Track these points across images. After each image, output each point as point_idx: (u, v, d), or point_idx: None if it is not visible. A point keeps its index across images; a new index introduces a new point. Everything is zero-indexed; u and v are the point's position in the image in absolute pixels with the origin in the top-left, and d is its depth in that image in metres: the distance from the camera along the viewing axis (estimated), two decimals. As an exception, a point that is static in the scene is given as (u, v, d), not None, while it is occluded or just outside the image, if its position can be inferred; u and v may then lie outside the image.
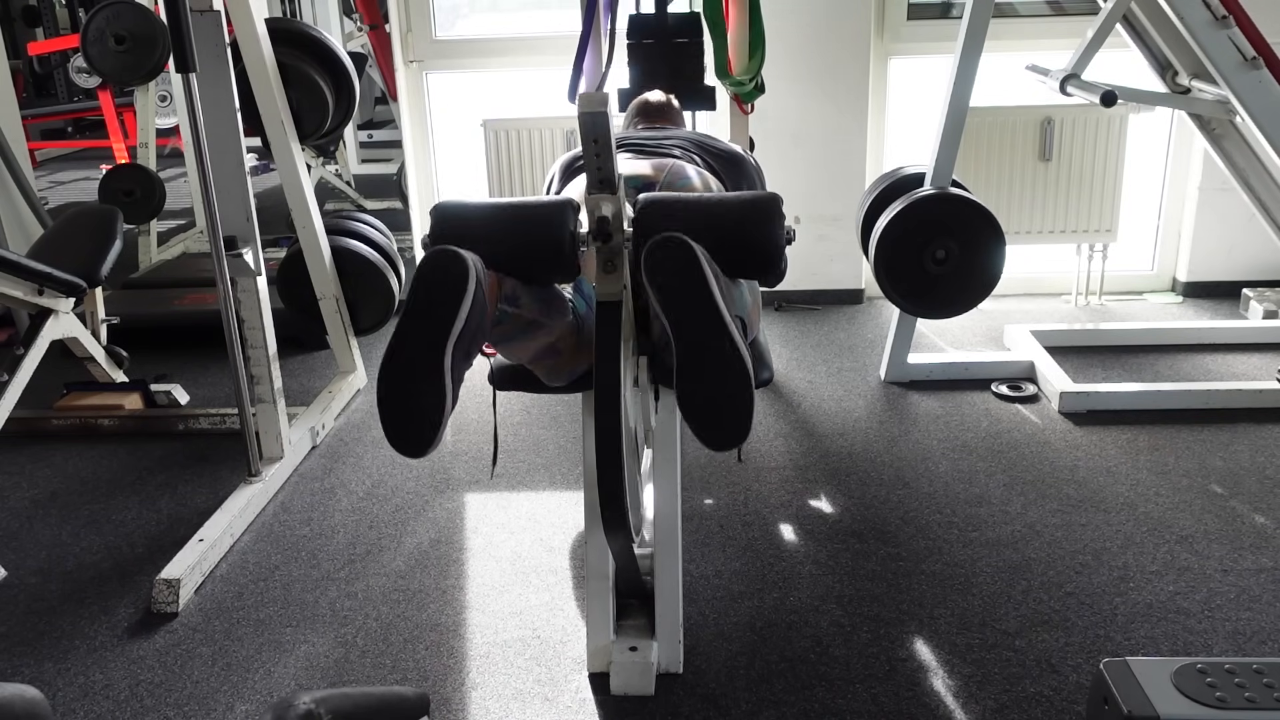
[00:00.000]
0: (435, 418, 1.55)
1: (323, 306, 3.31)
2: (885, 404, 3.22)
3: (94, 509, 2.75)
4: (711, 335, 1.55)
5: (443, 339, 1.54)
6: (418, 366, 1.54)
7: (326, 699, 0.85)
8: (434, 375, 1.54)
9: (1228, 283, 4.00)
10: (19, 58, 7.31)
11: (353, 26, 6.21)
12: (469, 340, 1.58)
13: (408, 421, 1.57)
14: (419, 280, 1.56)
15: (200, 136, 2.45)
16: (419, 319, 1.55)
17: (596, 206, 1.63)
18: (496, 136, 3.87)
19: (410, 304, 1.57)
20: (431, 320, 1.54)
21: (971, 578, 2.29)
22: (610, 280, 1.67)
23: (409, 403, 1.56)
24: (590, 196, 1.64)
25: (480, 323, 1.60)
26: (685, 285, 1.55)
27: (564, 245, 1.71)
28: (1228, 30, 2.70)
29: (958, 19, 3.23)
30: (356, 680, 2.04)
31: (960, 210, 3.03)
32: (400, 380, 1.56)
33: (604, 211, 1.63)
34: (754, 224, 1.73)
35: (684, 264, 1.55)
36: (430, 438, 1.57)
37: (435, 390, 1.54)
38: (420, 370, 1.54)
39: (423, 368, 1.54)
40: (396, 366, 1.56)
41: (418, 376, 1.54)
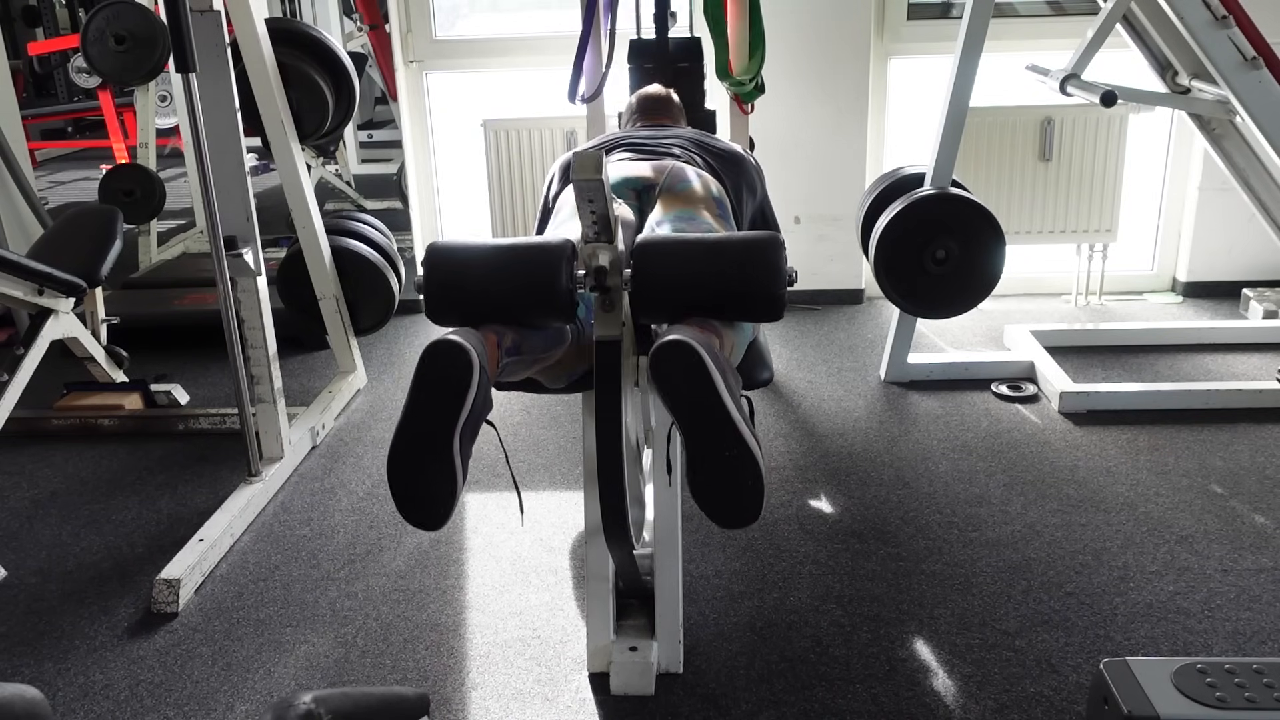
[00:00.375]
0: (448, 498, 1.59)
1: (323, 306, 3.31)
2: (885, 404, 3.22)
3: (94, 509, 2.75)
4: (722, 438, 1.55)
5: (449, 429, 1.56)
6: (426, 454, 1.57)
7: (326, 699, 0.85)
8: (443, 460, 1.57)
9: (1228, 283, 4.00)
10: (19, 58, 7.30)
11: (353, 26, 6.21)
12: (475, 421, 1.60)
13: (421, 504, 1.61)
14: (422, 374, 1.56)
15: (200, 136, 2.45)
16: (424, 412, 1.57)
17: (594, 256, 1.63)
18: (496, 136, 3.87)
19: (414, 393, 1.57)
20: (436, 413, 1.56)
21: (971, 578, 2.29)
22: (609, 319, 1.66)
23: (420, 488, 1.59)
24: (587, 246, 1.64)
25: (485, 402, 1.61)
26: (694, 391, 1.54)
27: (561, 292, 1.68)
28: (1228, 30, 2.70)
29: (958, 19, 3.23)
30: (356, 680, 2.04)
31: (960, 210, 3.03)
32: (410, 468, 1.59)
33: (601, 261, 1.63)
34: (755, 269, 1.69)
35: (691, 370, 1.54)
36: (444, 515, 1.61)
37: (446, 473, 1.58)
38: (429, 458, 1.57)
39: (431, 455, 1.57)
40: (405, 456, 1.58)
41: (427, 463, 1.57)
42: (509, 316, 1.72)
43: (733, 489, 1.58)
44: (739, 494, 1.58)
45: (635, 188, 2.13)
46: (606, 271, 1.62)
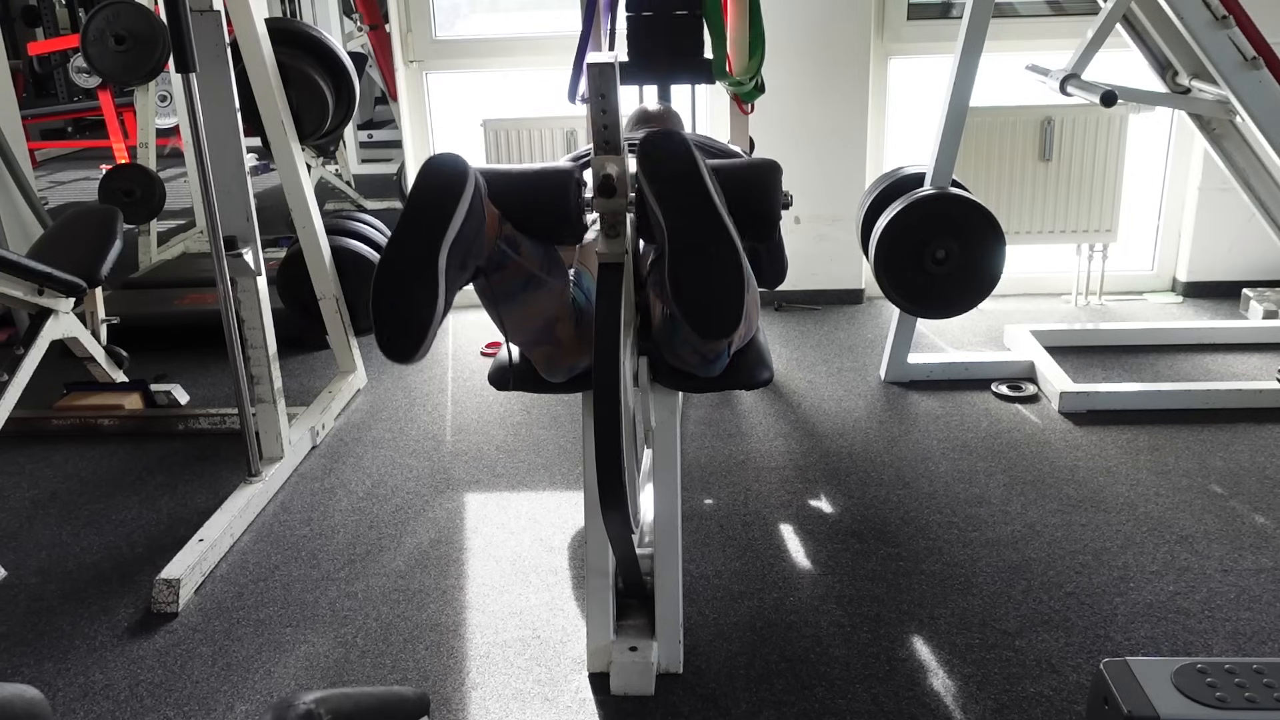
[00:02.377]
0: (426, 316, 1.55)
1: (323, 306, 3.31)
2: (885, 404, 3.22)
3: (94, 509, 2.75)
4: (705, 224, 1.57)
5: (438, 237, 1.55)
6: (412, 264, 1.55)
7: (326, 699, 0.85)
8: (428, 273, 1.54)
9: (1228, 283, 4.00)
10: (19, 58, 7.31)
11: (353, 26, 6.22)
12: (464, 247, 1.58)
13: (398, 319, 1.56)
14: (417, 182, 1.58)
15: (200, 136, 2.45)
16: (415, 218, 1.57)
17: (601, 166, 1.65)
18: (496, 136, 3.87)
19: (408, 204, 1.58)
20: (427, 219, 1.56)
21: (971, 578, 2.29)
22: (613, 243, 1.68)
23: (401, 299, 1.55)
24: (596, 157, 1.66)
25: (478, 233, 1.61)
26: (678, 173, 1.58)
27: (569, 201, 1.72)
28: (1228, 30, 2.70)
29: (958, 19, 3.23)
30: (356, 680, 2.04)
31: (960, 210, 3.03)
32: (394, 276, 1.56)
33: (609, 170, 1.65)
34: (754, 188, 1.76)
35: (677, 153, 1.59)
36: (419, 338, 1.56)
37: (428, 289, 1.54)
38: (415, 267, 1.55)
39: (417, 265, 1.54)
40: (391, 263, 1.56)
41: (412, 274, 1.55)
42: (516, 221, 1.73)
43: (716, 283, 1.57)
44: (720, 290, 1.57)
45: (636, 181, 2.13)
46: (613, 179, 1.64)
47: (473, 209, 1.58)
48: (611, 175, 1.64)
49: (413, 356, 1.57)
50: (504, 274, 1.73)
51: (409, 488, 2.79)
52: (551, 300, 1.81)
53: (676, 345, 1.84)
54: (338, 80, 3.39)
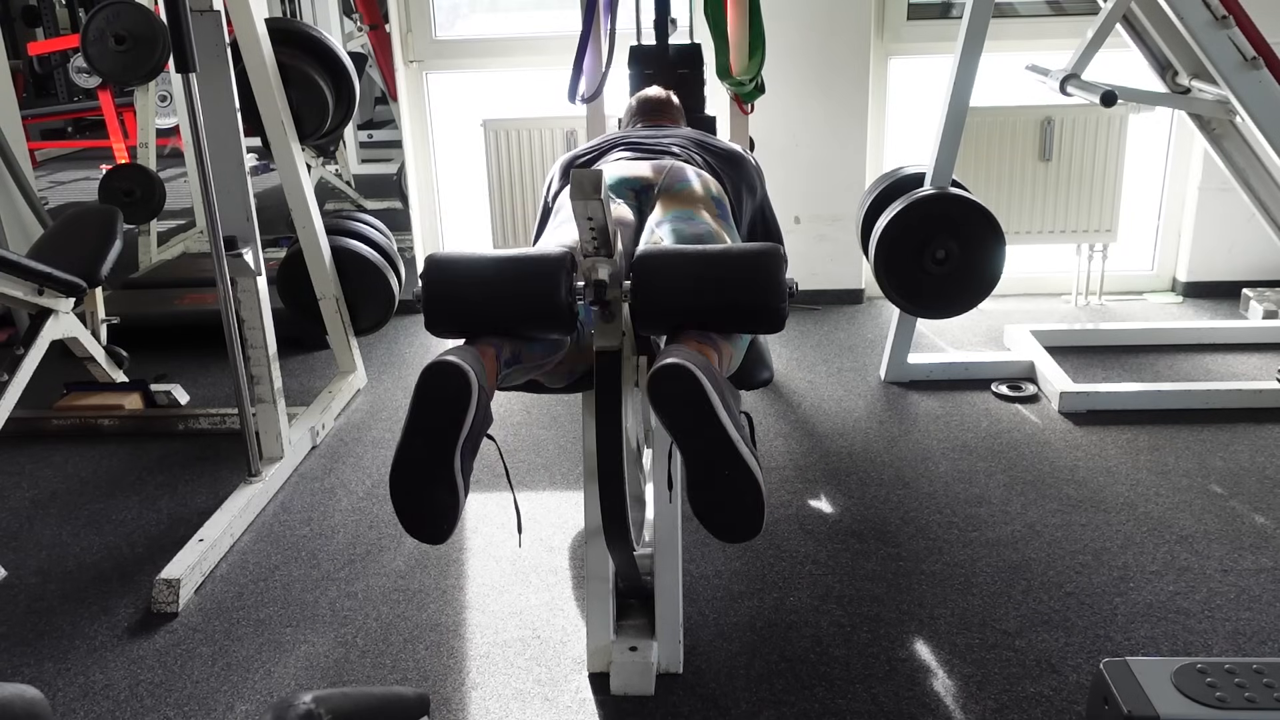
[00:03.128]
0: (451, 514, 1.61)
1: (323, 306, 3.31)
2: (885, 404, 3.22)
3: (94, 509, 2.75)
4: (721, 459, 1.56)
5: (449, 449, 1.57)
6: (427, 474, 1.58)
7: (326, 699, 0.85)
8: (444, 478, 1.58)
9: (1228, 283, 4.00)
10: (19, 58, 7.30)
11: (353, 26, 6.21)
12: (475, 438, 1.61)
13: (424, 521, 1.63)
14: (420, 395, 1.57)
15: (200, 136, 2.45)
16: (424, 434, 1.57)
17: (593, 269, 1.63)
18: (496, 136, 3.87)
19: (413, 413, 1.58)
20: (436, 435, 1.57)
21: (971, 578, 2.29)
22: (608, 330, 1.66)
23: (423, 506, 1.61)
24: (586, 259, 1.64)
25: (484, 419, 1.62)
26: (693, 415, 1.55)
27: (560, 305, 1.68)
28: (1228, 30, 2.70)
29: (958, 19, 3.23)
30: (356, 680, 2.04)
31: (960, 210, 3.03)
32: (412, 487, 1.60)
33: (601, 275, 1.63)
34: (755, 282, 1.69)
35: (689, 393, 1.54)
36: (448, 530, 1.63)
37: (448, 490, 1.59)
38: (430, 476, 1.58)
39: (432, 474, 1.58)
40: (406, 476, 1.59)
41: (428, 482, 1.59)
42: (508, 329, 1.72)
43: (733, 508, 1.59)
44: (739, 512, 1.60)
45: (634, 187, 2.13)
46: (606, 285, 1.62)
47: (478, 410, 1.58)
48: (604, 281, 1.63)
49: (442, 541, 1.67)
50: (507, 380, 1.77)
51: (409, 488, 2.79)
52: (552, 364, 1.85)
53: None
54: (338, 80, 3.39)
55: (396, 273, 3.42)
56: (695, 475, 1.58)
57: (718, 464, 1.56)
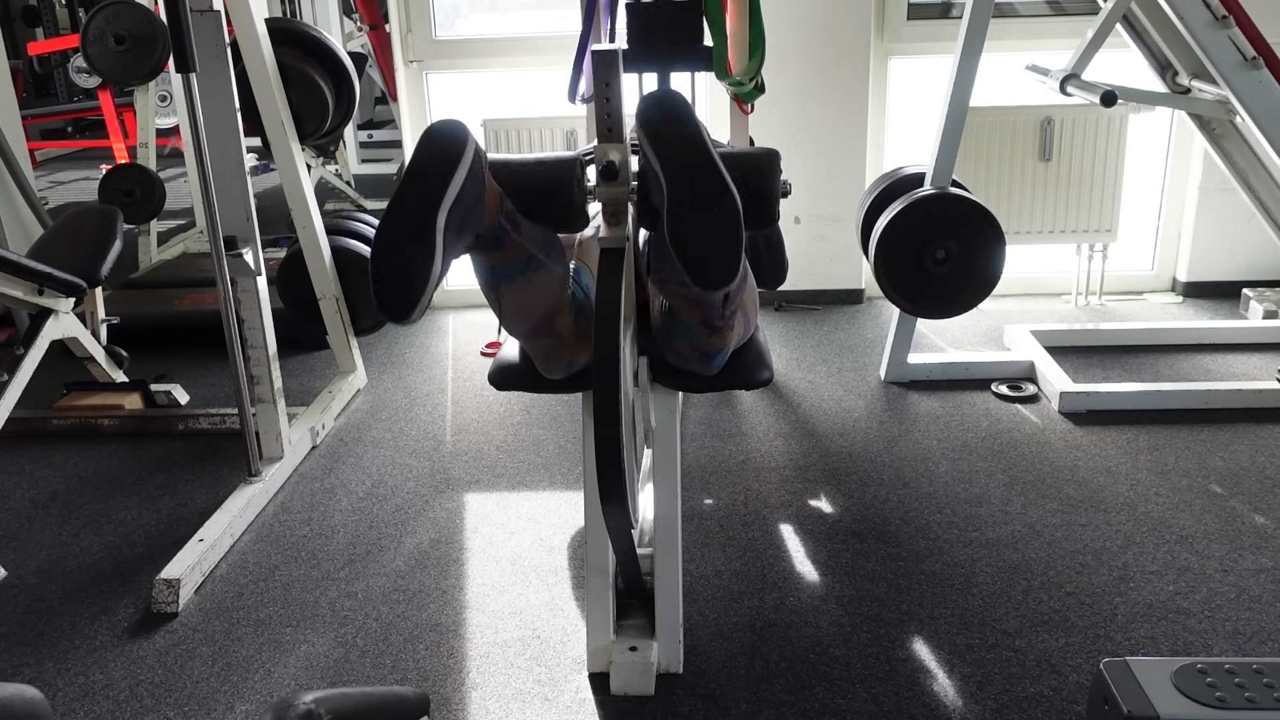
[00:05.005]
0: (423, 275, 1.56)
1: (323, 306, 3.31)
2: (885, 404, 3.22)
3: (94, 509, 2.75)
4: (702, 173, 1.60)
5: (437, 198, 1.57)
6: (411, 223, 1.57)
7: (326, 699, 0.85)
8: (426, 234, 1.57)
9: (1228, 283, 4.00)
10: (19, 58, 7.30)
11: (353, 26, 6.22)
12: (464, 211, 1.60)
13: (396, 277, 1.57)
14: (418, 146, 1.60)
15: (200, 136, 2.45)
16: (414, 179, 1.58)
17: (605, 152, 1.68)
18: (496, 136, 3.87)
19: (408, 168, 1.60)
20: (426, 180, 1.58)
21: (971, 578, 2.29)
22: (615, 230, 1.71)
23: (400, 257, 1.57)
24: (599, 144, 1.69)
25: (477, 199, 1.62)
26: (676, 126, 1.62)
27: (572, 187, 1.74)
28: (1228, 30, 2.70)
29: (958, 19, 3.23)
30: (356, 680, 2.04)
31: (960, 210, 3.03)
32: (393, 235, 1.58)
33: (611, 157, 1.68)
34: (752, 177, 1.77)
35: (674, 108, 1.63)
36: (416, 297, 1.57)
37: (426, 248, 1.57)
38: (413, 226, 1.57)
39: (415, 224, 1.57)
40: (391, 221, 1.58)
41: (410, 232, 1.57)
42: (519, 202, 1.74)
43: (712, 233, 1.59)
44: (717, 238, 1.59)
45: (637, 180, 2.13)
46: (615, 165, 1.67)
47: (472, 173, 1.60)
48: (614, 161, 1.68)
49: (408, 315, 1.58)
50: (504, 253, 1.74)
51: (409, 488, 2.79)
52: (552, 285, 1.81)
53: (675, 340, 1.84)
54: (338, 80, 3.39)
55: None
56: (675, 195, 1.60)
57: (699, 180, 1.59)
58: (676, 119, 1.63)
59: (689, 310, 1.78)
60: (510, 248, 1.73)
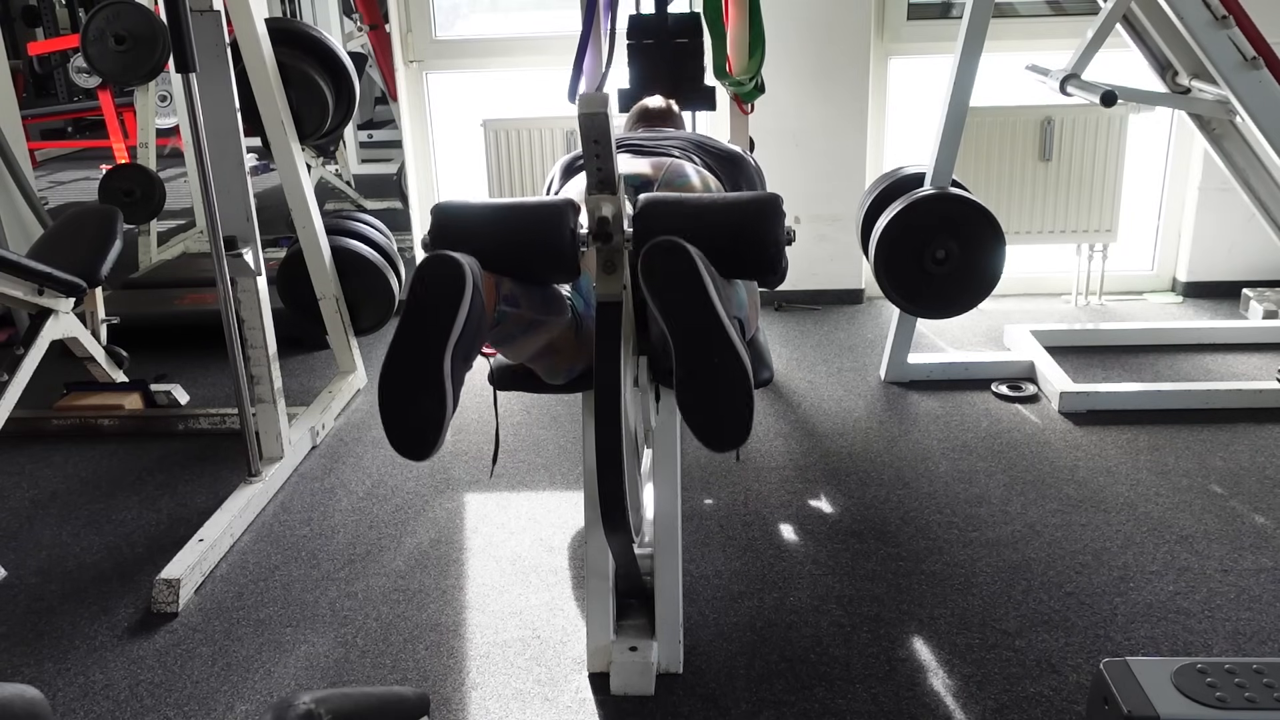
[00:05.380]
0: (436, 422, 1.55)
1: (323, 306, 3.31)
2: (885, 404, 3.22)
3: (94, 509, 2.75)
4: (710, 341, 1.55)
5: (441, 344, 1.54)
6: (417, 372, 1.54)
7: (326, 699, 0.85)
8: (434, 380, 1.54)
9: (1228, 283, 4.00)
10: (19, 58, 7.30)
11: (353, 26, 6.21)
12: (468, 343, 1.58)
13: (409, 427, 1.57)
14: (415, 286, 1.56)
15: (200, 136, 2.45)
16: (416, 325, 1.55)
17: (597, 207, 1.63)
18: (496, 136, 3.87)
19: (407, 310, 1.57)
20: (429, 326, 1.54)
21: (971, 578, 2.29)
22: (610, 280, 1.67)
23: (410, 408, 1.56)
24: (590, 197, 1.64)
25: (479, 325, 1.60)
26: (683, 291, 1.54)
27: (564, 246, 1.70)
28: (1228, 30, 2.70)
29: (958, 19, 3.23)
30: (356, 680, 2.04)
31: (960, 210, 3.03)
32: (400, 386, 1.56)
33: (604, 212, 1.63)
34: (754, 224, 1.71)
35: (681, 269, 1.54)
36: (432, 441, 1.57)
37: (435, 395, 1.55)
38: (419, 376, 1.54)
39: (422, 373, 1.54)
40: (396, 372, 1.56)
41: (417, 382, 1.54)
42: (511, 268, 1.72)
43: (723, 401, 1.56)
44: (728, 407, 1.56)
45: (634, 184, 2.13)
46: (609, 222, 1.63)
47: (473, 309, 1.56)
48: (608, 218, 1.63)
49: (427, 456, 1.59)
50: (503, 328, 1.74)
51: (409, 488, 2.79)
52: (552, 332, 1.82)
53: None
54: (338, 80, 3.39)
55: (396, 273, 3.42)
56: (684, 362, 1.56)
57: (707, 350, 1.54)
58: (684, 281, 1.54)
59: None
60: (510, 320, 1.73)
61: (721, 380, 1.55)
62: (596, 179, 1.61)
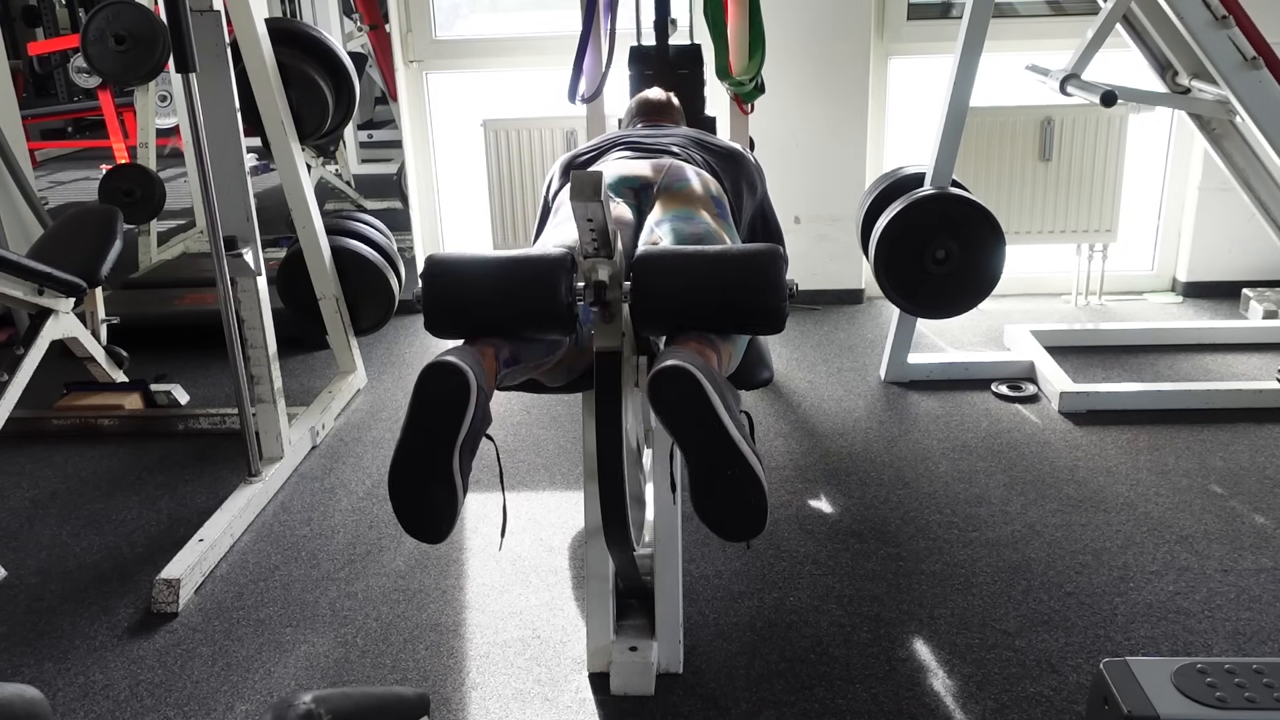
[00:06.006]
0: (449, 513, 1.62)
1: (323, 306, 3.31)
2: (885, 404, 3.22)
3: (94, 509, 2.75)
4: (723, 458, 1.57)
5: (449, 448, 1.58)
6: (426, 468, 1.59)
7: (326, 699, 0.85)
8: (443, 474, 1.59)
9: (1228, 283, 4.00)
10: (19, 58, 7.30)
11: (353, 26, 6.21)
12: (474, 437, 1.62)
13: (423, 520, 1.64)
14: (419, 394, 1.57)
15: (200, 136, 2.45)
16: (423, 434, 1.58)
17: (593, 270, 1.63)
18: (496, 136, 3.87)
19: (413, 412, 1.58)
20: (435, 434, 1.58)
21: (971, 578, 2.29)
22: (608, 331, 1.66)
23: (422, 505, 1.61)
24: (586, 260, 1.64)
25: (483, 419, 1.63)
26: (693, 415, 1.55)
27: (560, 306, 1.68)
28: (1228, 30, 2.70)
29: (958, 19, 3.23)
30: (356, 680, 2.04)
31: (960, 210, 3.03)
32: (411, 487, 1.61)
33: (601, 276, 1.63)
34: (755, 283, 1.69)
35: (689, 393, 1.54)
36: (447, 529, 1.64)
37: (446, 490, 1.60)
38: (429, 471, 1.59)
39: (431, 469, 1.59)
40: (405, 475, 1.60)
41: (427, 475, 1.59)
42: (508, 330, 1.73)
43: (736, 508, 1.59)
44: (742, 512, 1.60)
45: (633, 186, 2.13)
46: (606, 286, 1.63)
47: (477, 411, 1.59)
48: (604, 282, 1.62)
49: (441, 540, 1.67)
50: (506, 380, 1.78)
51: (409, 488, 2.79)
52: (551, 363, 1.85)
53: None
54: (338, 80, 3.39)
55: (396, 273, 3.42)
56: (698, 476, 1.58)
57: (720, 464, 1.56)
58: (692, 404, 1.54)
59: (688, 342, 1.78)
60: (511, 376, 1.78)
61: (735, 489, 1.58)
62: (591, 244, 1.61)
